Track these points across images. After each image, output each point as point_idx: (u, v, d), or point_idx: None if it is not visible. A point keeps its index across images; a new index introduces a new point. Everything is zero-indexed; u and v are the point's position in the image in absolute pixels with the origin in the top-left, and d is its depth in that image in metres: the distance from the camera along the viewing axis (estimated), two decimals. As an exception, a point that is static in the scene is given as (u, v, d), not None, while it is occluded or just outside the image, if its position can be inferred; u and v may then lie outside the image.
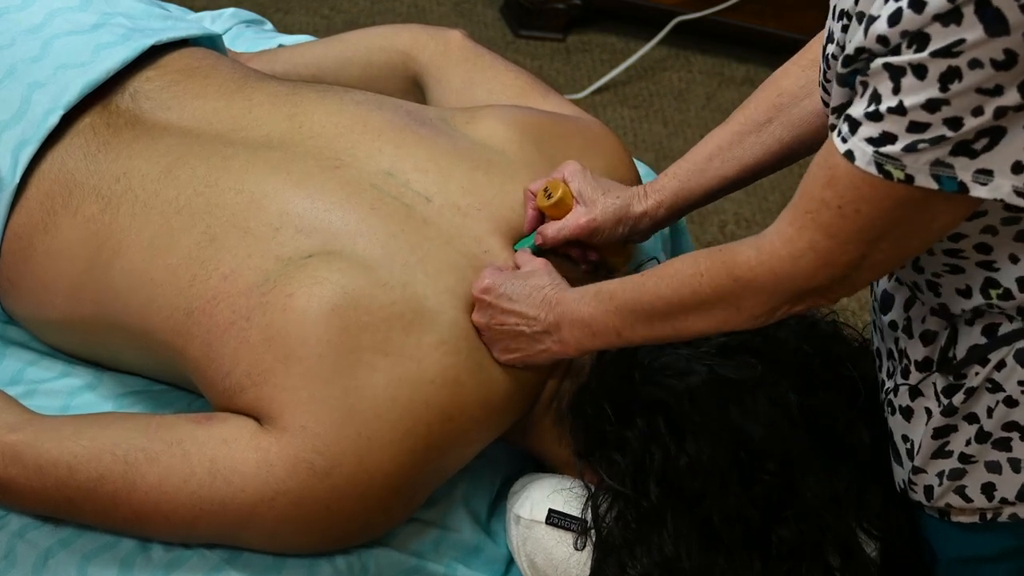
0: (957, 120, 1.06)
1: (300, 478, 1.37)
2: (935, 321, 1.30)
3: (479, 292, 1.43)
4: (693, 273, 1.26)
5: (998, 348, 1.25)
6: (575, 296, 1.39)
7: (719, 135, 1.49)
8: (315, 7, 3.21)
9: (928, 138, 1.07)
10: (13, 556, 1.40)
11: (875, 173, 1.10)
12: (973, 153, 1.07)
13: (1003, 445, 1.29)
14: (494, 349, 1.44)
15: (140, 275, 1.46)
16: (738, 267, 1.22)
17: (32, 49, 1.56)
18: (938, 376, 1.31)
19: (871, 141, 1.09)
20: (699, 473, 1.37)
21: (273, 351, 1.38)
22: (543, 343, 1.41)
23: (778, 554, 1.38)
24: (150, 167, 1.50)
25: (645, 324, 1.32)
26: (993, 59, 1.03)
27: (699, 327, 1.29)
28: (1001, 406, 1.27)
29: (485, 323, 1.43)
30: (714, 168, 1.49)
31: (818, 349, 1.45)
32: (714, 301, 1.25)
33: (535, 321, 1.40)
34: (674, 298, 1.28)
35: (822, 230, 1.15)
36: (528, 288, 1.42)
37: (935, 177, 1.08)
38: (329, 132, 1.53)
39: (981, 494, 1.32)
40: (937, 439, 1.32)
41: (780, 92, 1.45)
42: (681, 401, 1.40)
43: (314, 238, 1.44)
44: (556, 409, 1.50)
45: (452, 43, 1.79)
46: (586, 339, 1.38)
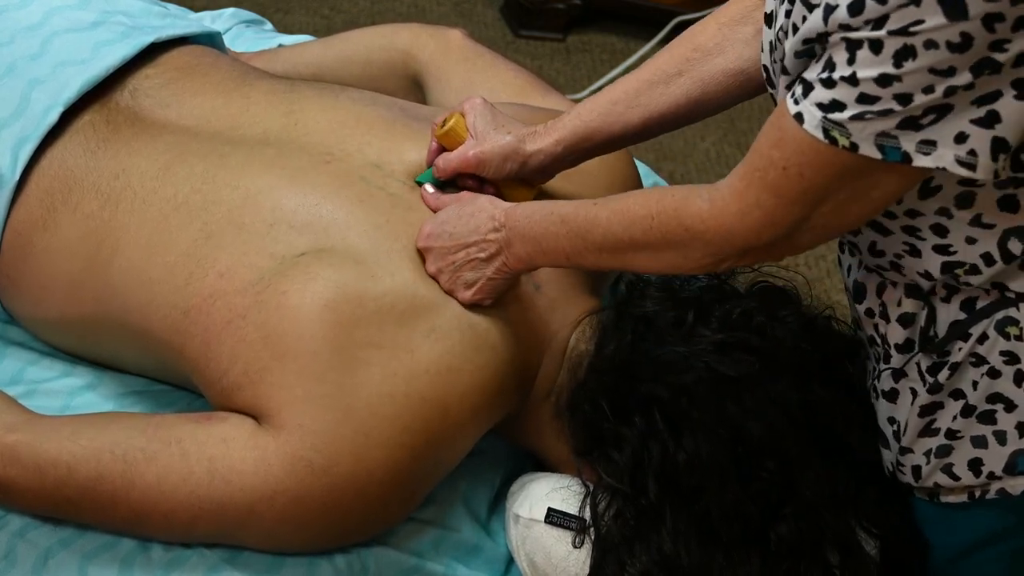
0: (907, 96, 1.08)
1: (298, 476, 1.37)
2: (911, 303, 1.31)
3: (422, 241, 1.44)
4: (645, 215, 1.28)
5: (979, 322, 1.27)
6: (524, 213, 1.40)
7: (627, 81, 1.49)
8: (315, 7, 3.21)
9: (876, 110, 1.09)
10: (13, 556, 1.40)
11: (821, 138, 1.12)
12: (919, 127, 1.09)
13: (988, 418, 1.30)
14: (457, 292, 1.44)
15: (138, 273, 1.46)
16: (689, 217, 1.24)
17: (32, 46, 1.57)
18: (921, 356, 1.32)
19: (821, 107, 1.11)
20: (697, 470, 1.37)
21: (269, 349, 1.38)
22: (497, 261, 1.41)
23: (777, 551, 1.38)
24: (149, 164, 1.50)
25: (594, 254, 1.34)
26: (949, 41, 1.04)
27: (646, 266, 1.32)
28: (985, 378, 1.28)
29: (438, 268, 1.44)
30: (617, 112, 1.48)
31: (816, 346, 1.45)
32: (662, 245, 1.27)
33: (486, 243, 1.42)
34: (624, 235, 1.30)
35: (768, 189, 1.17)
36: (466, 218, 1.43)
37: (879, 147, 1.10)
38: (323, 128, 1.54)
39: (968, 470, 1.32)
40: (923, 417, 1.33)
41: (695, 47, 1.46)
42: (679, 398, 1.40)
43: (306, 234, 1.44)
44: (554, 405, 1.50)
45: (452, 42, 1.79)
46: (537, 255, 1.39)
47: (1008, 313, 1.25)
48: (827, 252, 2.76)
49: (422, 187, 1.52)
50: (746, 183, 1.19)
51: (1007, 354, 1.26)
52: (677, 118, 1.48)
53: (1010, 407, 1.28)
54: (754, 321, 1.45)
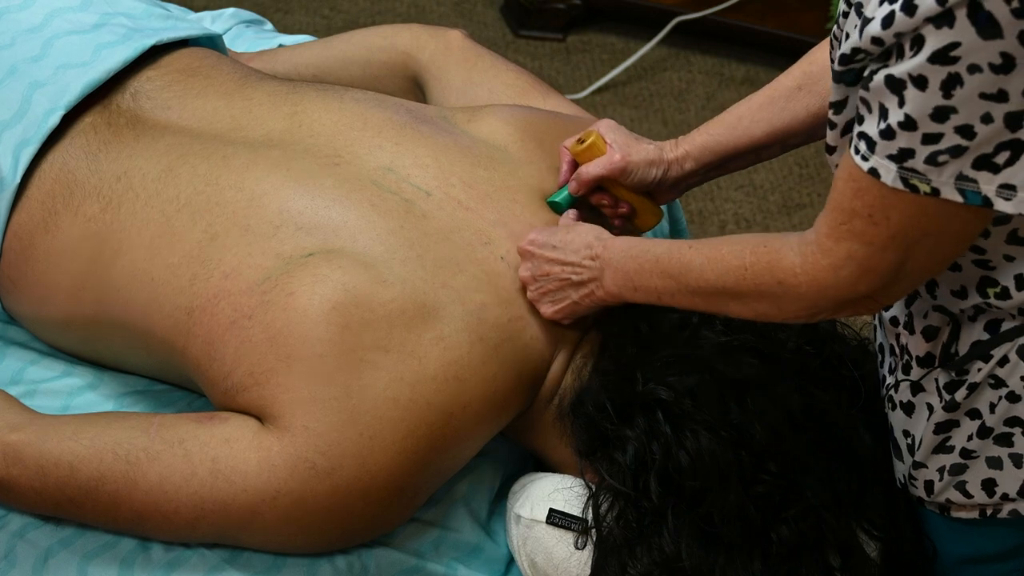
0: (968, 128, 1.07)
1: (302, 478, 1.37)
2: (937, 317, 1.31)
3: (526, 244, 1.45)
4: (739, 265, 1.27)
5: (1001, 344, 1.26)
6: (622, 246, 1.40)
7: (751, 99, 1.51)
8: (315, 7, 3.21)
9: (945, 148, 1.08)
10: (13, 556, 1.40)
11: (902, 188, 1.11)
12: (995, 168, 1.08)
13: (1005, 440, 1.29)
14: (541, 303, 1.45)
15: (141, 274, 1.46)
16: (782, 271, 1.23)
17: (33, 49, 1.56)
18: (940, 372, 1.31)
19: (892, 158, 1.10)
20: (700, 472, 1.37)
21: (275, 350, 1.38)
22: (588, 288, 1.42)
23: (778, 553, 1.38)
24: (151, 166, 1.50)
25: (687, 296, 1.34)
26: (991, 63, 1.04)
27: (739, 313, 1.31)
28: (1004, 402, 1.28)
29: (531, 275, 1.45)
30: (743, 127, 1.50)
31: (819, 349, 1.45)
32: (756, 296, 1.27)
33: (581, 268, 1.42)
34: (717, 283, 1.29)
35: (857, 239, 1.16)
36: (572, 236, 1.44)
37: (960, 191, 1.10)
38: (329, 130, 1.53)
39: (981, 490, 1.32)
40: (939, 434, 1.33)
41: (812, 61, 1.47)
42: (682, 400, 1.40)
43: (314, 235, 1.44)
44: (557, 407, 1.50)
45: (452, 43, 1.79)
46: (628, 291, 1.39)
47: None
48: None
49: (560, 212, 1.52)
50: (835, 239, 1.18)
51: None
52: (800, 132, 1.49)
53: None
54: (757, 323, 1.45)
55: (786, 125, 1.48)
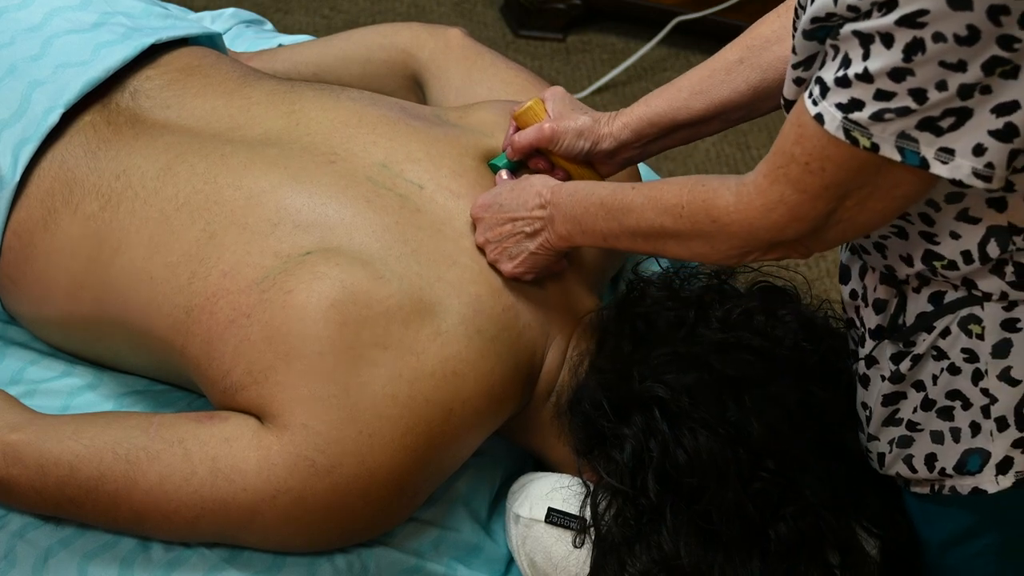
0: (921, 92, 1.08)
1: (301, 476, 1.37)
2: (884, 289, 1.33)
3: (476, 211, 1.47)
4: (676, 204, 1.29)
5: (943, 316, 1.28)
6: (569, 190, 1.42)
7: (693, 73, 1.52)
8: (315, 7, 3.21)
9: (894, 108, 1.09)
10: (13, 556, 1.40)
11: (843, 139, 1.12)
12: (938, 131, 1.10)
13: (946, 414, 1.31)
14: (501, 263, 1.46)
15: (140, 273, 1.46)
16: (716, 209, 1.25)
17: (32, 48, 1.57)
18: (888, 343, 1.33)
19: (840, 107, 1.12)
20: (698, 469, 1.37)
21: (274, 348, 1.38)
22: (541, 237, 1.44)
23: (777, 551, 1.38)
24: (150, 165, 1.50)
25: (628, 237, 1.36)
26: (956, 33, 1.05)
27: (676, 253, 1.33)
28: (945, 374, 1.29)
29: (486, 239, 1.46)
30: (682, 99, 1.51)
31: (816, 346, 1.46)
32: (692, 235, 1.29)
33: (531, 219, 1.44)
34: (656, 223, 1.32)
35: (792, 184, 1.18)
36: (518, 192, 1.46)
37: (899, 149, 1.11)
38: (325, 128, 1.54)
39: (924, 465, 1.34)
40: (887, 406, 1.35)
41: (755, 35, 1.48)
42: (680, 398, 1.40)
43: (311, 233, 1.44)
44: (555, 405, 1.50)
45: (452, 41, 1.80)
46: (576, 234, 1.41)
47: (972, 311, 1.26)
48: (827, 252, 2.76)
49: (497, 173, 1.54)
50: (770, 180, 1.20)
51: (967, 351, 1.28)
52: (740, 107, 1.49)
53: (966, 405, 1.29)
54: (755, 321, 1.45)
55: (726, 98, 1.49)
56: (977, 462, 1.31)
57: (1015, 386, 1.27)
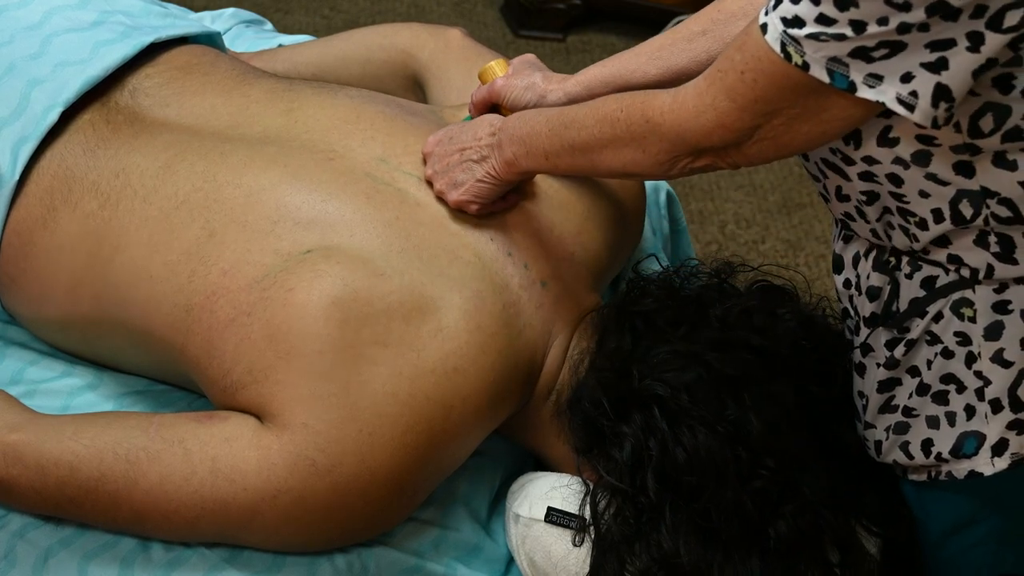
0: (861, 24, 1.10)
1: (301, 476, 1.37)
2: (878, 277, 1.33)
3: (428, 146, 1.50)
4: (615, 108, 1.31)
5: (936, 300, 1.29)
6: (518, 114, 1.46)
7: (654, 40, 1.53)
8: (315, 7, 3.21)
9: (831, 32, 1.12)
10: (13, 556, 1.40)
11: (778, 51, 1.15)
12: (870, 59, 1.12)
13: (941, 398, 1.31)
14: (447, 193, 1.48)
15: (139, 271, 1.46)
16: (651, 109, 1.27)
17: (31, 46, 1.57)
18: (882, 330, 1.34)
19: (784, 21, 1.14)
20: (697, 468, 1.37)
21: (274, 347, 1.38)
22: (488, 163, 1.45)
23: (776, 550, 1.38)
24: (149, 163, 1.51)
25: (568, 154, 1.38)
26: None
27: (611, 163, 1.34)
28: (939, 358, 1.30)
29: (433, 171, 1.49)
30: (638, 63, 1.52)
31: (815, 344, 1.46)
32: (626, 140, 1.30)
33: (479, 146, 1.46)
34: (595, 130, 1.33)
35: (725, 91, 1.21)
36: (472, 126, 1.49)
37: (828, 71, 1.14)
38: (323, 125, 1.54)
39: (921, 451, 1.34)
40: (882, 393, 1.35)
41: (720, 8, 1.49)
42: (679, 396, 1.40)
43: (312, 230, 1.44)
44: (555, 403, 1.50)
45: (452, 41, 1.80)
46: (521, 156, 1.42)
47: (964, 294, 1.27)
48: (827, 252, 2.76)
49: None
50: (708, 82, 1.22)
51: (960, 335, 1.28)
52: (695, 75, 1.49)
53: (960, 388, 1.30)
54: (754, 320, 1.45)
55: (683, 66, 1.50)
56: (973, 445, 1.31)
57: (1008, 368, 1.28)
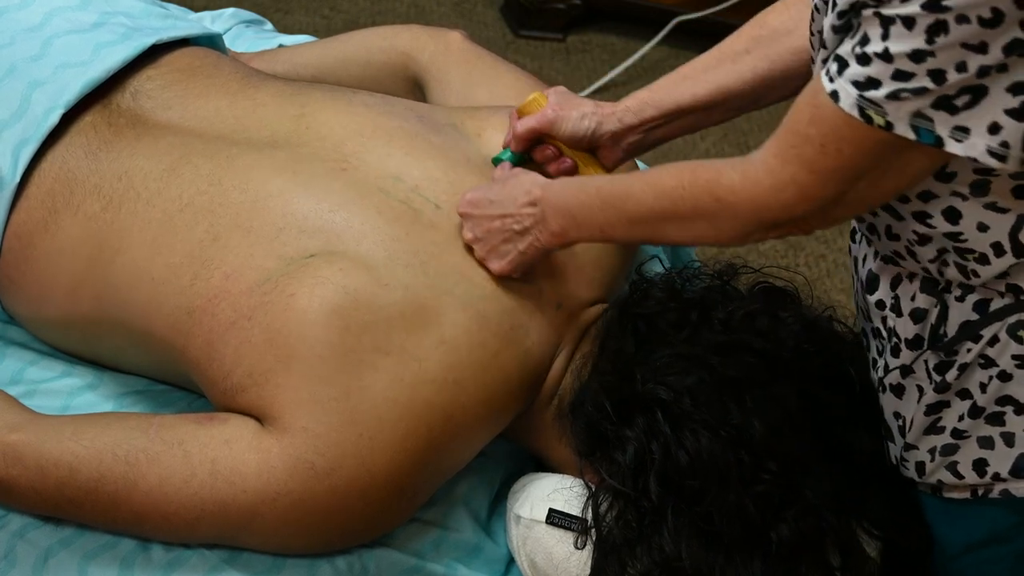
0: (940, 73, 1.08)
1: (301, 479, 1.37)
2: (924, 299, 1.31)
3: (463, 208, 1.46)
4: (676, 186, 1.28)
5: (990, 324, 1.27)
6: (561, 185, 1.42)
7: (698, 60, 1.52)
8: (315, 7, 3.21)
9: (911, 88, 1.09)
10: (13, 556, 1.40)
11: (857, 117, 1.12)
12: (954, 109, 1.10)
13: (996, 420, 1.30)
14: (489, 261, 1.45)
15: (141, 273, 1.46)
16: (720, 188, 1.25)
17: (32, 48, 1.56)
18: (930, 353, 1.32)
19: (856, 84, 1.11)
20: (699, 471, 1.37)
21: (275, 351, 1.38)
22: (532, 235, 1.43)
23: (778, 553, 1.38)
24: (152, 165, 1.50)
25: (626, 225, 1.35)
26: (980, 16, 1.05)
27: (676, 237, 1.32)
28: (995, 381, 1.28)
29: (474, 235, 1.45)
30: (686, 85, 1.50)
31: (818, 347, 1.45)
32: (693, 216, 1.28)
33: (521, 216, 1.43)
34: (656, 206, 1.30)
35: (805, 165, 1.18)
36: (509, 188, 1.44)
37: (914, 128, 1.11)
38: (337, 134, 1.53)
39: (972, 470, 1.33)
40: (929, 415, 1.33)
41: (763, 25, 1.48)
42: (682, 399, 1.40)
43: (317, 238, 1.44)
44: (557, 407, 1.50)
45: (452, 44, 1.79)
46: (571, 228, 1.39)
47: (1021, 317, 1.25)
48: (827, 252, 2.76)
49: (499, 164, 1.53)
50: (781, 160, 1.19)
51: (1018, 358, 1.26)
52: (744, 95, 1.49)
53: (1020, 409, 1.29)
54: (756, 322, 1.45)
55: (730, 86, 1.49)
56: None
57: None
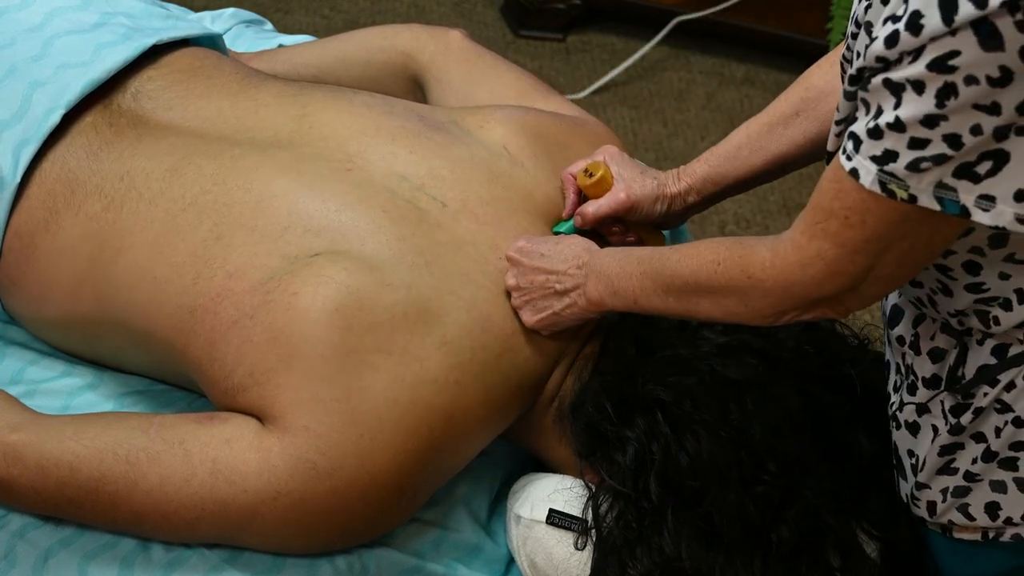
0: (956, 137, 1.06)
1: (302, 479, 1.37)
2: (944, 339, 1.31)
3: (514, 251, 1.46)
4: (712, 260, 1.28)
5: (1008, 369, 1.26)
6: (606, 252, 1.42)
7: (749, 126, 1.51)
8: (315, 7, 3.21)
9: (929, 156, 1.07)
10: (13, 556, 1.40)
11: (879, 192, 1.10)
12: (976, 177, 1.08)
13: (1010, 465, 1.29)
14: (523, 311, 1.45)
15: (143, 272, 1.46)
16: (752, 266, 1.24)
17: (33, 48, 1.56)
18: (946, 395, 1.31)
19: (875, 159, 1.10)
20: (699, 472, 1.37)
21: (277, 350, 1.38)
22: (571, 297, 1.42)
23: (778, 553, 1.38)
24: (154, 166, 1.50)
25: (661, 296, 1.34)
26: (988, 75, 1.03)
27: (708, 312, 1.31)
28: (1010, 426, 1.27)
29: (516, 283, 1.45)
30: (743, 157, 1.50)
31: (818, 349, 1.46)
32: (726, 292, 1.27)
33: (566, 276, 1.43)
34: (690, 279, 1.30)
35: (830, 239, 1.16)
36: (561, 247, 1.45)
37: (938, 199, 1.09)
38: (341, 134, 1.53)
39: (984, 513, 1.32)
40: (943, 456, 1.32)
41: (808, 87, 1.47)
42: (682, 400, 1.40)
43: (323, 237, 1.44)
44: (557, 408, 1.50)
45: (452, 43, 1.79)
46: (608, 296, 1.39)
47: None
48: (827, 252, 2.76)
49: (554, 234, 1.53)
50: (808, 236, 1.18)
51: None
52: (798, 157, 1.49)
53: None
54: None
55: (784, 152, 1.48)
56: None
57: None
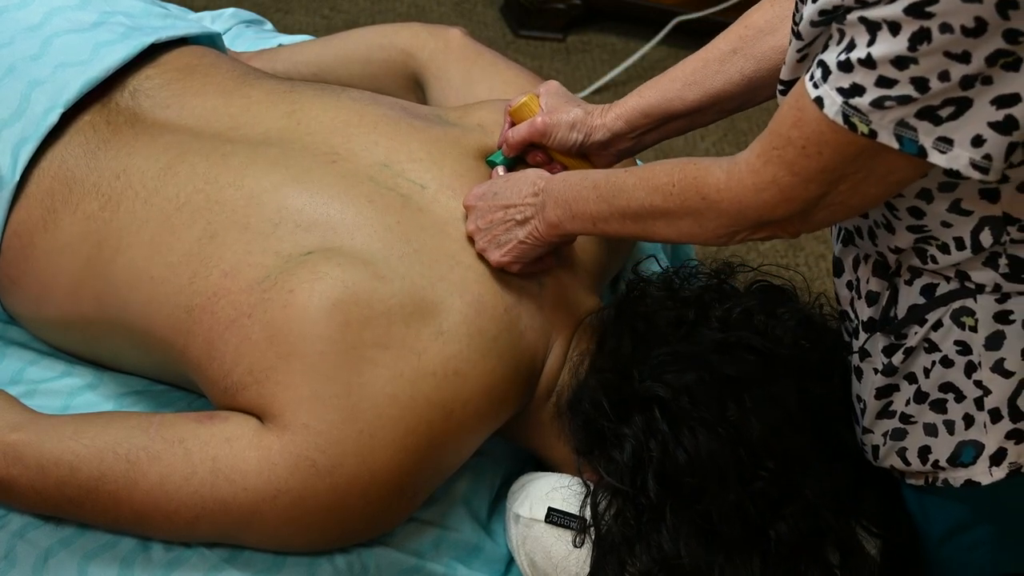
0: (923, 81, 1.08)
1: (302, 476, 1.37)
2: (877, 282, 1.33)
3: (469, 200, 1.47)
4: (667, 182, 1.29)
5: (935, 308, 1.28)
6: (562, 177, 1.43)
7: (686, 63, 1.52)
8: (315, 7, 3.21)
9: (895, 95, 1.09)
10: (13, 556, 1.40)
11: (841, 124, 1.12)
12: (937, 119, 1.09)
13: (939, 407, 1.31)
14: (488, 252, 1.46)
15: (140, 272, 1.46)
16: (707, 187, 1.25)
17: (31, 47, 1.57)
18: (880, 336, 1.33)
19: (841, 91, 1.11)
20: (698, 469, 1.37)
21: (275, 348, 1.38)
22: (531, 224, 1.43)
23: (777, 551, 1.38)
24: (150, 164, 1.50)
25: (618, 220, 1.35)
26: (964, 25, 1.05)
27: (665, 234, 1.33)
28: (938, 366, 1.29)
29: (476, 226, 1.46)
30: (675, 90, 1.50)
31: (815, 344, 1.46)
32: (681, 213, 1.29)
33: (523, 206, 1.44)
34: (646, 202, 1.31)
35: (786, 167, 1.18)
36: (513, 181, 1.46)
37: (897, 137, 1.11)
38: (326, 127, 1.54)
39: (918, 457, 1.34)
40: (880, 399, 1.35)
41: (748, 24, 1.48)
42: (680, 397, 1.40)
43: (313, 232, 1.44)
44: (555, 405, 1.50)
45: (452, 41, 1.79)
46: (566, 219, 1.40)
47: (965, 303, 1.26)
48: (827, 252, 2.76)
49: (493, 168, 1.54)
50: (763, 160, 1.20)
51: (960, 344, 1.28)
52: (735, 97, 1.49)
53: (959, 397, 1.30)
54: (754, 320, 1.45)
55: (720, 89, 1.49)
56: (971, 454, 1.31)
57: (1008, 378, 1.27)
